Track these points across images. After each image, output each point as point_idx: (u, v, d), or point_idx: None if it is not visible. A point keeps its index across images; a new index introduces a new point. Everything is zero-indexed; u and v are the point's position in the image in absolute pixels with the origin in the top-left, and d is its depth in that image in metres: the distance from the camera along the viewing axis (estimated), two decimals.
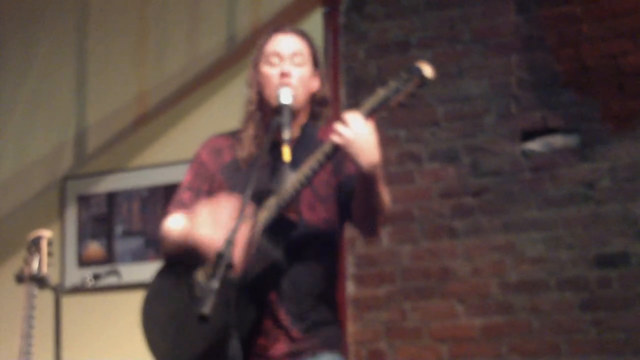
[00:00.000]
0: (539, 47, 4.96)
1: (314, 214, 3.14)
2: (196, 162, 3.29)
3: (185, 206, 3.19)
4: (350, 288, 5.16)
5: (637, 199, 4.70)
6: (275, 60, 3.18)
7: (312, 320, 3.11)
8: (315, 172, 3.02)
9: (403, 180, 5.12)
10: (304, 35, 3.26)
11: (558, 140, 4.87)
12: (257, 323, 3.04)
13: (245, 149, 3.21)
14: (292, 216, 3.06)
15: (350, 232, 5.12)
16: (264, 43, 3.24)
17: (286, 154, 3.00)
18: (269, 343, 3.08)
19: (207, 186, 3.22)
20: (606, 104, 4.80)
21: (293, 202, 3.04)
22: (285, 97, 3.10)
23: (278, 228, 3.03)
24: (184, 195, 3.24)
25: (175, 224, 3.16)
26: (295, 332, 3.09)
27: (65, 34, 5.65)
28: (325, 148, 3.02)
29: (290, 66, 3.17)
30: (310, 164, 3.02)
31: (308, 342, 3.09)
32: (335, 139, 2.98)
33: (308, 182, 3.03)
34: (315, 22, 5.19)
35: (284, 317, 3.08)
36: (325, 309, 3.16)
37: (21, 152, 5.65)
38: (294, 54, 3.18)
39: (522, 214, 4.88)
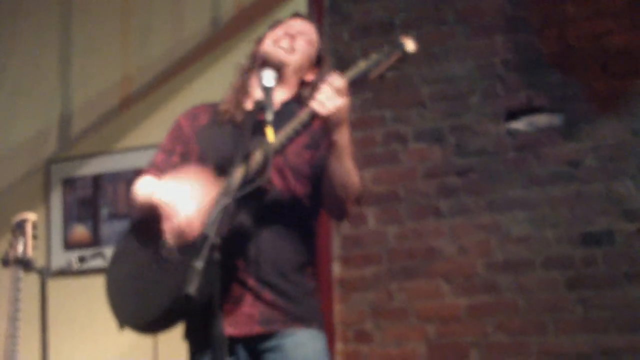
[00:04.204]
0: (523, 28, 4.96)
1: (284, 182, 3.12)
2: (174, 127, 3.34)
3: (158, 168, 3.24)
4: (336, 269, 5.17)
5: (620, 178, 4.72)
6: (280, 33, 3.24)
7: (283, 288, 3.07)
8: (290, 140, 3.00)
9: (388, 160, 5.13)
10: (315, 27, 3.34)
11: (542, 120, 4.88)
12: (225, 289, 2.98)
13: (226, 101, 3.26)
14: (264, 182, 3.01)
15: None
16: (274, 26, 3.30)
17: (270, 134, 2.98)
18: (238, 307, 3.03)
19: (181, 148, 3.25)
20: (590, 84, 4.81)
21: (264, 168, 2.95)
22: (268, 79, 3.09)
23: (249, 195, 2.93)
24: (157, 158, 3.29)
25: (143, 186, 3.19)
26: (266, 294, 3.04)
27: (50, 16, 5.63)
28: (303, 116, 3.00)
29: (296, 37, 3.23)
30: (286, 131, 3.00)
31: (280, 312, 3.05)
32: (316, 107, 2.96)
33: (282, 148, 3.01)
34: (299, 3, 5.16)
35: (253, 283, 3.04)
36: (298, 280, 3.11)
37: (6, 135, 5.62)
38: (302, 32, 3.25)
39: (507, 193, 4.90)
